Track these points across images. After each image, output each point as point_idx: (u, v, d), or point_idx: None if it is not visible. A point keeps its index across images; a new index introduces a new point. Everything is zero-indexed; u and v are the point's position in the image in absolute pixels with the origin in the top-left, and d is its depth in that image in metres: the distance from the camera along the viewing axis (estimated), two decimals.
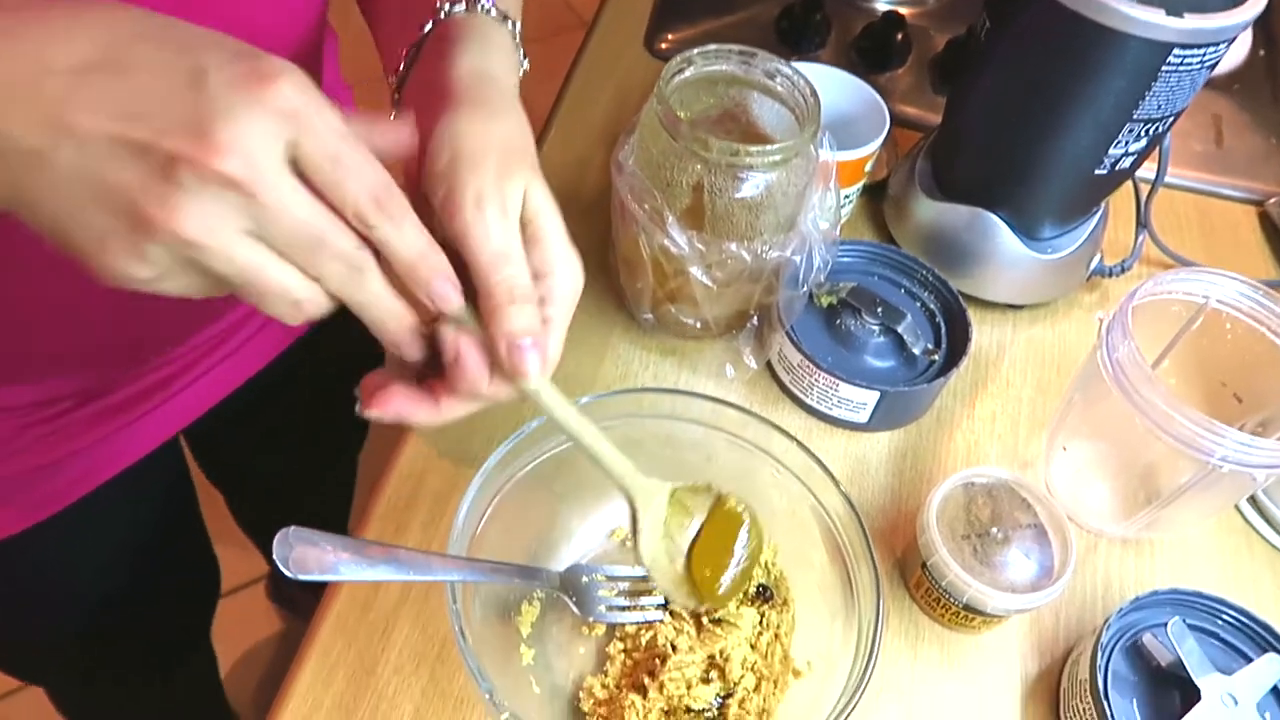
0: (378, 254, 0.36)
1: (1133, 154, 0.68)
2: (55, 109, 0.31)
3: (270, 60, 0.33)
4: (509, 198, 0.41)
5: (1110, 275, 0.81)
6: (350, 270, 0.35)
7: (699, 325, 0.70)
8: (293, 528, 0.43)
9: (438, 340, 0.41)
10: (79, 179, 0.31)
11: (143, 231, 0.32)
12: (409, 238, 0.36)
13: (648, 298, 0.69)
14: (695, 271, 0.64)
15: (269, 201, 0.32)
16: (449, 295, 0.38)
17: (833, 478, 0.57)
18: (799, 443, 0.58)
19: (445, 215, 0.41)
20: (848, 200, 0.80)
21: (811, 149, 0.64)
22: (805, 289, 0.67)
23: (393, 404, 0.42)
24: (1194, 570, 0.67)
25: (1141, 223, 0.82)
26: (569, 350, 0.74)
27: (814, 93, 0.63)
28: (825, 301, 0.72)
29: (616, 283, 0.74)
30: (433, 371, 0.42)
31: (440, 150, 0.41)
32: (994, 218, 0.75)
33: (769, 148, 0.60)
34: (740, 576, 0.52)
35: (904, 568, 0.64)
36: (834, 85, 0.79)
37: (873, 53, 0.97)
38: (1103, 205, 0.78)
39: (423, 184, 0.42)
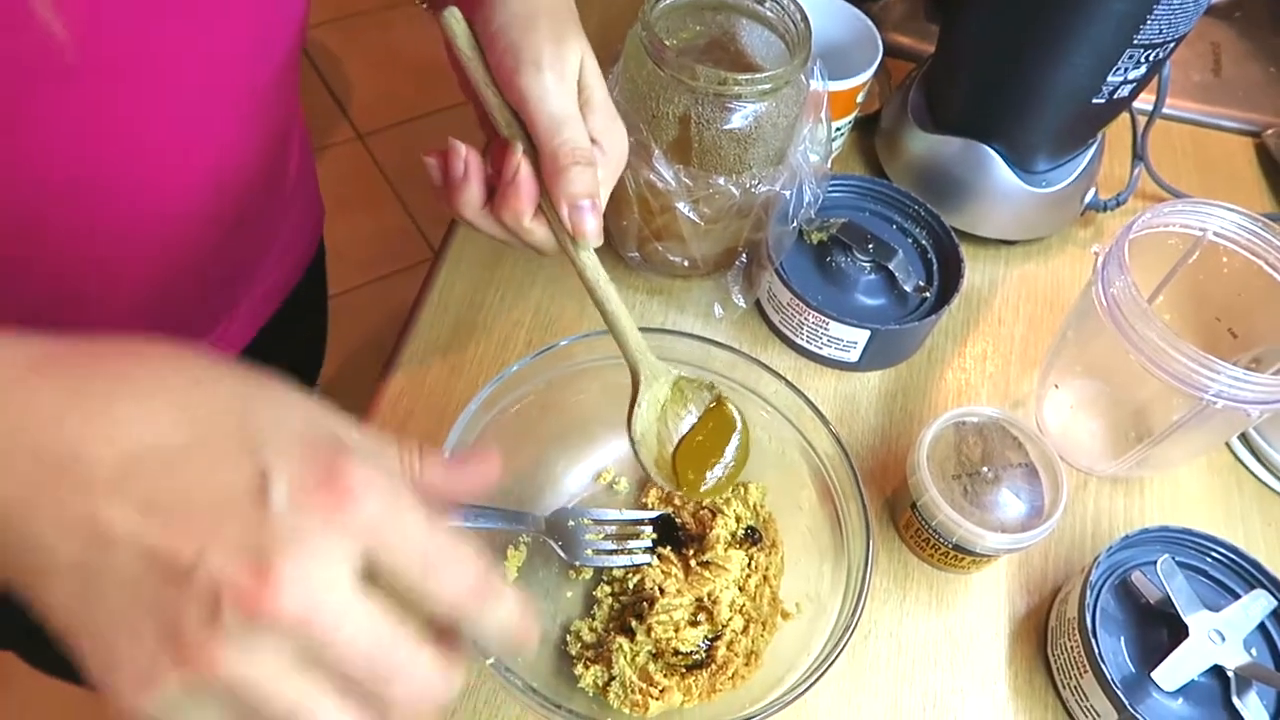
0: None
1: (1132, 81, 0.66)
2: (86, 511, 0.26)
3: (348, 461, 0.28)
4: (567, 63, 0.44)
5: (1105, 210, 0.80)
6: (424, 693, 0.29)
7: (686, 264, 0.69)
8: None
9: (505, 163, 0.45)
10: (104, 593, 0.27)
11: (172, 666, 0.26)
12: (504, 611, 0.31)
13: (633, 235, 0.68)
14: (682, 207, 0.62)
15: (331, 639, 0.27)
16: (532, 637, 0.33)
17: (823, 418, 0.56)
18: (788, 382, 0.57)
19: (503, 74, 0.43)
20: (839, 133, 0.78)
21: (802, 78, 0.61)
22: (795, 225, 0.65)
23: (458, 168, 0.45)
24: (1183, 508, 0.67)
25: (1138, 155, 0.80)
26: (549, 291, 0.73)
27: (805, 18, 0.60)
28: (815, 238, 0.71)
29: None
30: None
31: (494, 11, 0.43)
32: (988, 150, 0.73)
33: (758, 75, 0.57)
34: (725, 480, 0.52)
35: (893, 508, 0.64)
36: (825, 12, 0.76)
37: None
38: (1099, 137, 0.76)
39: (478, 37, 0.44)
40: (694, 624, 0.54)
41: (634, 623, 0.53)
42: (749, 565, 0.56)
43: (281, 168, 0.61)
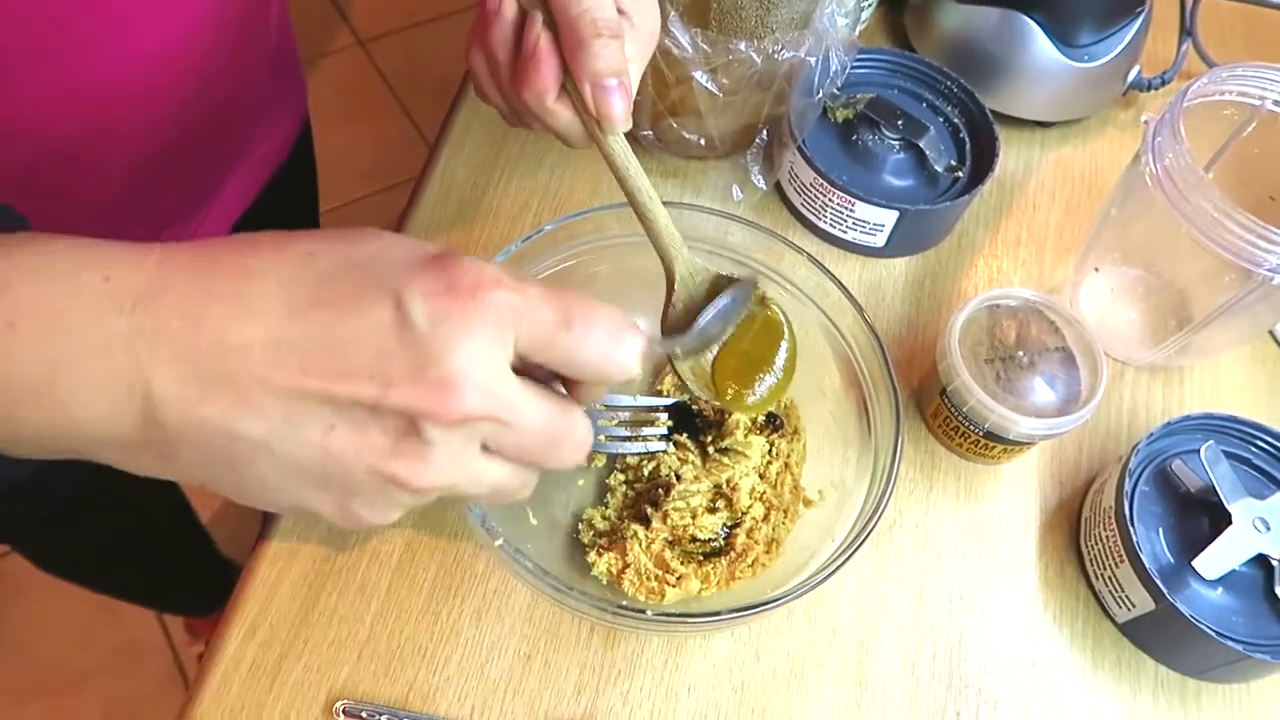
0: None
1: None
2: (258, 385, 0.28)
3: (458, 264, 0.29)
4: None
5: (1149, 89, 0.75)
6: (580, 453, 0.34)
7: (703, 142, 0.64)
8: None
9: (525, 35, 0.41)
10: (301, 452, 0.29)
11: (396, 489, 0.30)
12: (636, 346, 0.34)
13: (646, 111, 0.63)
14: (699, 77, 0.58)
15: (511, 421, 0.30)
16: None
17: (851, 298, 0.53)
18: (814, 259, 0.53)
19: None
20: (866, 4, 0.72)
21: None
22: (820, 97, 0.61)
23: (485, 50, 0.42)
24: (1225, 398, 0.64)
25: (1186, 30, 0.75)
26: (558, 172, 0.69)
27: None
28: (841, 116, 0.66)
29: None
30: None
31: None
32: (1028, 20, 0.68)
33: None
34: (772, 393, 0.47)
35: (920, 397, 0.61)
36: None
37: None
38: (1145, 6, 0.71)
39: None
40: (712, 510, 0.51)
41: (649, 509, 0.51)
42: (770, 452, 0.54)
43: (262, 29, 0.57)
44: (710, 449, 0.53)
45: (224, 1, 0.50)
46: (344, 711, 0.48)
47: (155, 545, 1.01)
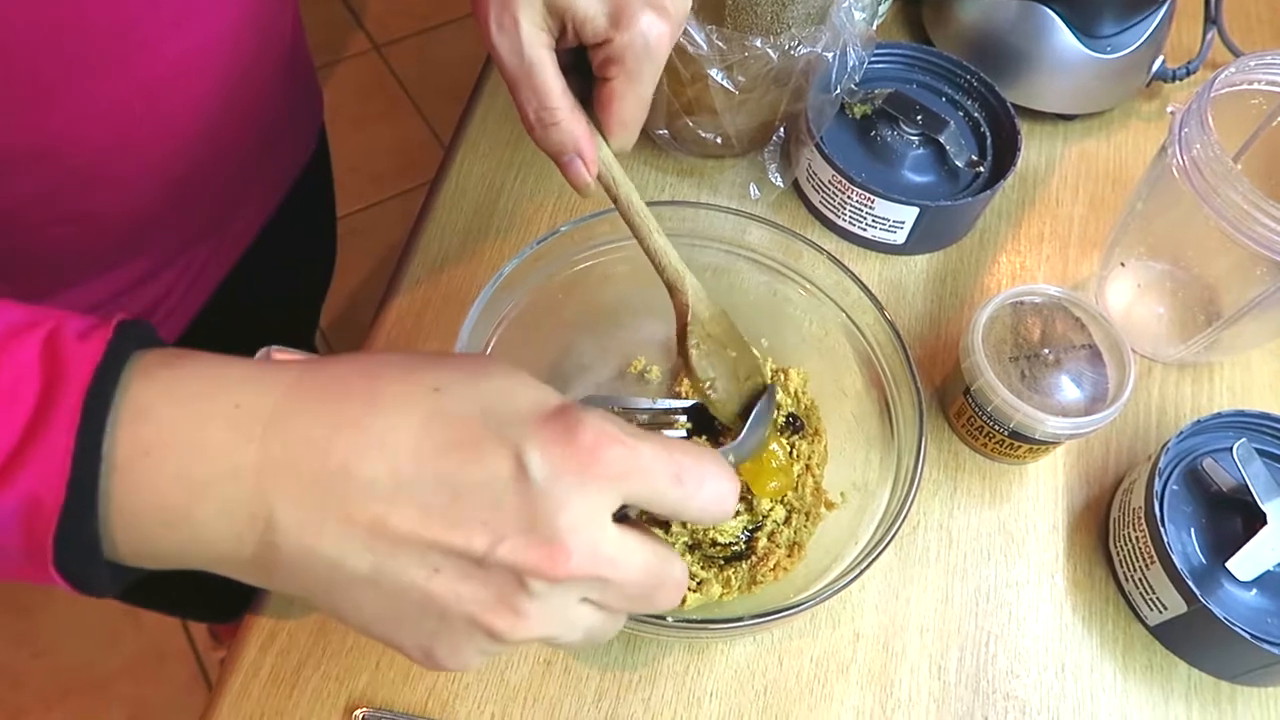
0: None
1: None
2: (373, 522, 0.28)
3: (578, 419, 0.30)
4: None
5: (1173, 80, 0.73)
6: (678, 595, 0.34)
7: (719, 140, 0.64)
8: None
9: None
10: (402, 592, 0.29)
11: (487, 639, 0.30)
12: (733, 496, 0.34)
13: (662, 110, 0.63)
14: (715, 74, 0.57)
15: (613, 577, 0.30)
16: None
17: (872, 297, 0.52)
18: (834, 258, 0.53)
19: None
20: None
21: None
22: (837, 93, 0.60)
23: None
24: (1255, 395, 0.62)
25: (1211, 18, 0.73)
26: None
27: None
28: (859, 112, 0.65)
29: None
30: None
31: None
32: (1048, 12, 0.67)
33: None
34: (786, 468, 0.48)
35: (943, 397, 0.60)
36: None
37: None
38: None
39: None
40: (733, 514, 0.50)
41: None
42: (790, 454, 0.53)
43: (279, 36, 0.57)
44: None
45: (245, 10, 0.50)
46: (363, 718, 0.47)
47: None
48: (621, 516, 0.31)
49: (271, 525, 0.29)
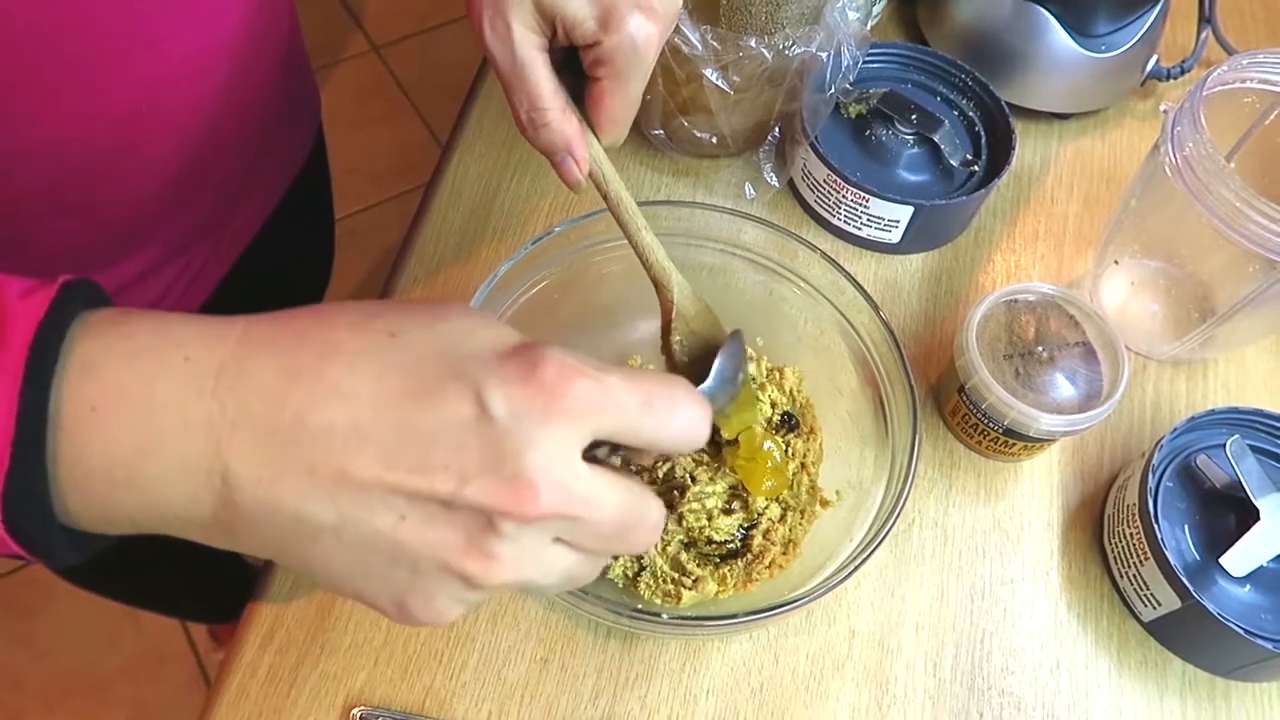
0: None
1: None
2: (334, 471, 0.28)
3: (540, 356, 0.29)
4: None
5: (1167, 78, 0.74)
6: (653, 536, 0.33)
7: (714, 140, 0.64)
8: None
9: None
10: (369, 542, 0.28)
11: (462, 586, 0.29)
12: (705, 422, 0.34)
13: (657, 110, 0.63)
14: (709, 74, 0.58)
15: (585, 515, 0.29)
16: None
17: (866, 295, 0.52)
18: (828, 257, 0.53)
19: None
20: None
21: None
22: (832, 93, 0.60)
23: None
24: (1250, 392, 0.63)
25: (1205, 17, 0.73)
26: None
27: None
28: (854, 111, 0.66)
29: None
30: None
31: None
32: (1042, 11, 0.67)
33: None
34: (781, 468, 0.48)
35: (938, 395, 0.60)
36: None
37: None
38: None
39: None
40: (728, 512, 0.51)
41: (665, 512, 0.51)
42: (786, 452, 0.53)
43: (276, 35, 0.58)
44: (725, 450, 0.53)
45: (245, 10, 0.51)
46: (361, 717, 0.48)
47: (179, 557, 1.02)
48: (593, 460, 0.30)
49: (229, 481, 0.28)
